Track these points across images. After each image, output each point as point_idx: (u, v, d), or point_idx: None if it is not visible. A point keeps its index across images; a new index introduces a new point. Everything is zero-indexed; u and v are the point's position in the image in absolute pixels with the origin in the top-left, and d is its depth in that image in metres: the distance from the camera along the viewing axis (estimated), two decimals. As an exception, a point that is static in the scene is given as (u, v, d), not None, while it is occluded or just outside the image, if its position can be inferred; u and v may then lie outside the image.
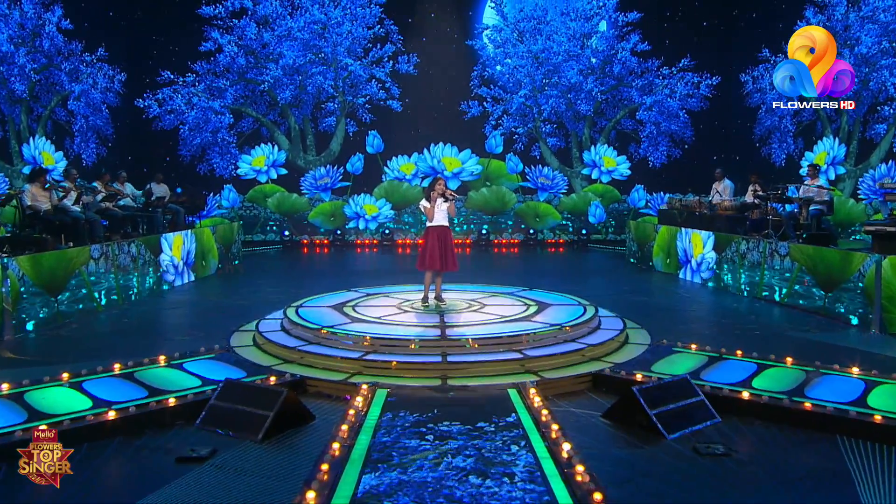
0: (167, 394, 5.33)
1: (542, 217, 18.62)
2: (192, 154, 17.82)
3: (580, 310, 7.66)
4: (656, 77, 18.11)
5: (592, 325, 7.19)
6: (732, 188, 12.55)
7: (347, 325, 6.96)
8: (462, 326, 6.93)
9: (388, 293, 8.83)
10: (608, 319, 7.67)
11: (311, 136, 18.28)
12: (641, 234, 14.03)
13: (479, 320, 7.19)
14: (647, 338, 7.27)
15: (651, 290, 11.27)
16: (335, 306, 7.91)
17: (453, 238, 8.08)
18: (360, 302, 8.22)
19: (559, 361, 6.25)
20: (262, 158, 18.10)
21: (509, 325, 6.96)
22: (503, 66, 18.33)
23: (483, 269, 13.91)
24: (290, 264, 15.42)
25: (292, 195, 18.16)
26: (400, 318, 7.34)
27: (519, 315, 7.41)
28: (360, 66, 17.94)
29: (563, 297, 8.56)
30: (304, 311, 7.60)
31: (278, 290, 10.88)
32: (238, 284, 11.89)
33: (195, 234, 12.15)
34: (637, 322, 7.93)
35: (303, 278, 12.63)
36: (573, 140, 18.61)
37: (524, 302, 8.18)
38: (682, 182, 18.00)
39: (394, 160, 18.23)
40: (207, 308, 9.69)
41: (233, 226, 14.07)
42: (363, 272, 13.65)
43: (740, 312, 9.20)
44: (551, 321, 7.07)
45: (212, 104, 17.51)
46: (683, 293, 10.81)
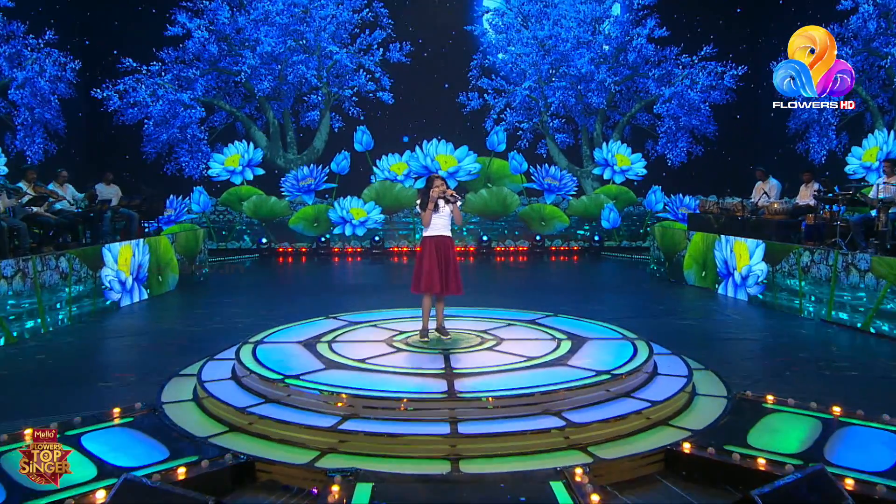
0: (34, 498, 3.54)
1: (549, 221, 17.23)
2: (158, 152, 16.28)
3: (627, 347, 5.91)
4: (675, 66, 16.73)
5: (648, 370, 5.44)
6: (780, 188, 10.91)
7: (319, 373, 5.18)
8: (475, 375, 5.16)
9: (376, 321, 7.06)
10: (664, 358, 5.94)
11: (292, 132, 16.91)
12: (669, 242, 12.38)
13: (496, 364, 5.42)
14: (720, 386, 5.55)
15: (691, 310, 9.60)
16: (307, 342, 6.14)
17: (455, 249, 6.32)
18: (339, 335, 6.45)
19: (615, 429, 4.50)
20: (237, 157, 16.66)
21: (539, 371, 5.21)
22: (506, 55, 16.97)
23: (486, 283, 12.31)
24: (265, 278, 13.77)
25: (271, 198, 16.77)
26: (391, 360, 5.57)
27: (549, 355, 5.65)
28: (347, 55, 16.56)
29: (600, 327, 6.82)
30: (265, 351, 5.82)
31: (246, 311, 9.24)
32: (199, 304, 10.18)
33: (149, 244, 10.37)
34: (691, 356, 6.23)
35: (277, 297, 10.92)
36: (583, 136, 17.29)
37: (551, 334, 6.43)
38: (704, 183, 16.56)
39: (384, 159, 16.88)
40: (154, 337, 7.91)
41: (197, 233, 12.30)
42: (349, 288, 11.96)
43: (815, 342, 7.49)
44: (595, 365, 5.32)
45: (180, 96, 16.02)
46: (731, 314, 9.13)
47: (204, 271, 12.50)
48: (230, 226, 16.81)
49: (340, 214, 16.69)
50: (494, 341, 6.15)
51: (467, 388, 4.83)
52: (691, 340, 7.45)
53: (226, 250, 16.61)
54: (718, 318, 8.95)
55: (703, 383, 5.58)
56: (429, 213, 6.09)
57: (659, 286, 11.89)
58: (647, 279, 12.79)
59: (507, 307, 8.25)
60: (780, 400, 5.00)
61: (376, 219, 16.76)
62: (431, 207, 6.08)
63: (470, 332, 6.46)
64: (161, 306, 9.91)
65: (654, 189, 17.12)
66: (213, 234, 16.65)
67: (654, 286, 11.95)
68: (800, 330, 8.05)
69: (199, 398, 5.17)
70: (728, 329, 8.24)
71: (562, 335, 6.36)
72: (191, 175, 16.40)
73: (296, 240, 16.90)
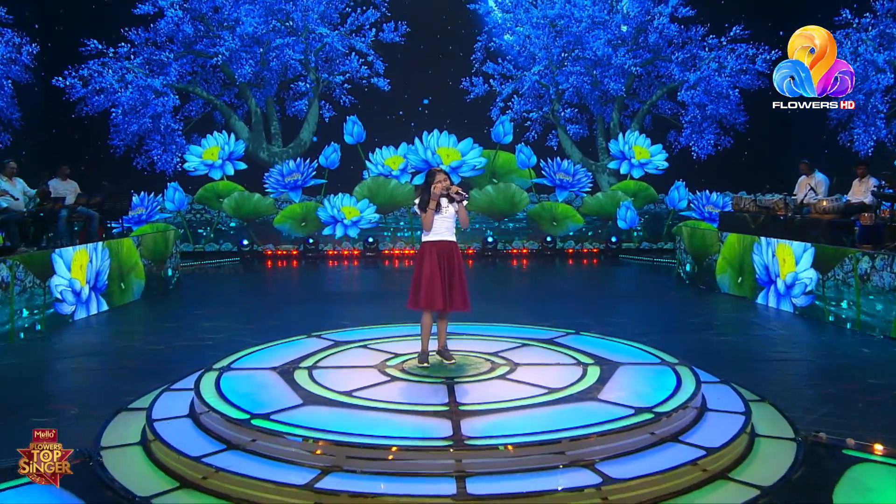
0: None
1: (561, 221, 16.72)
2: (127, 144, 15.69)
3: (668, 374, 5.23)
4: (701, 49, 16.19)
5: (696, 405, 4.74)
6: (827, 184, 10.23)
7: (295, 410, 4.50)
8: (486, 413, 4.47)
9: (366, 341, 6.38)
10: (711, 388, 5.25)
11: (277, 122, 16.39)
12: (700, 245, 11.72)
13: (511, 397, 4.74)
14: (782, 424, 4.87)
15: (729, 323, 8.94)
16: (283, 369, 5.45)
17: (461, 257, 5.66)
18: (322, 359, 5.76)
19: (664, 486, 3.81)
20: (216, 150, 16.12)
21: (564, 407, 4.53)
22: (513, 36, 16.44)
23: (493, 291, 11.69)
24: (245, 285, 13.21)
25: (254, 195, 16.23)
26: (383, 392, 4.89)
27: (575, 386, 4.96)
28: (337, 36, 16.01)
29: (631, 349, 6.15)
30: (232, 380, 5.13)
31: (220, 325, 8.62)
32: (166, 316, 9.54)
33: (109, 247, 9.69)
34: (738, 381, 5.58)
35: (256, 308, 10.30)
36: (599, 127, 16.79)
37: (574, 357, 5.75)
38: (733, 178, 16.18)
39: (378, 152, 16.32)
40: (107, 358, 7.23)
41: (167, 234, 11.62)
42: (338, 297, 11.33)
43: (885, 365, 6.79)
44: (632, 399, 4.63)
45: (151, 82, 15.44)
46: (777, 329, 8.45)
47: (174, 280, 11.82)
48: (208, 226, 16.29)
49: (330, 213, 16.18)
50: (507, 367, 5.47)
51: (477, 431, 4.14)
52: (735, 361, 6.79)
53: (203, 253, 16.10)
54: (762, 333, 8.28)
55: (762, 420, 4.88)
56: (430, 215, 5.41)
57: (688, 294, 11.25)
58: (674, 286, 12.17)
59: (519, 322, 7.65)
60: (863, 445, 4.31)
61: (370, 218, 16.26)
62: (433, 207, 5.41)
63: (478, 356, 5.80)
64: (121, 319, 9.24)
65: (678, 185, 16.62)
66: (190, 235, 16.15)
67: (683, 294, 11.32)
68: (862, 349, 7.36)
69: (148, 442, 4.48)
70: (776, 347, 7.56)
71: (587, 359, 5.68)
72: (164, 170, 15.86)
73: (281, 241, 16.40)
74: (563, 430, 4.09)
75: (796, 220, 9.74)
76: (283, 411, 4.45)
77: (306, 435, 4.05)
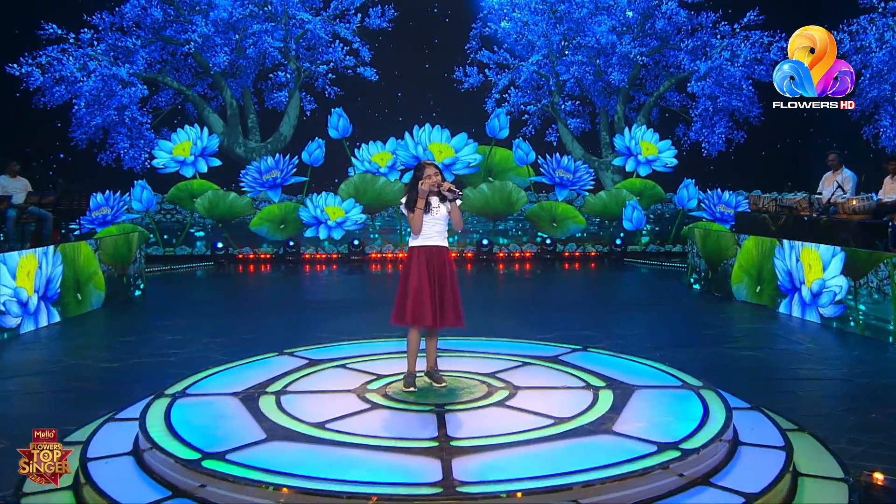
0: None
1: (562, 222, 16.42)
2: (90, 139, 15.43)
3: (691, 400, 4.76)
4: (713, 36, 16.11)
5: (728, 438, 4.26)
6: (855, 181, 9.83)
7: (257, 447, 4.00)
8: (482, 450, 3.98)
9: (345, 360, 5.90)
10: (742, 415, 4.79)
11: (254, 115, 16.25)
12: (714, 248, 11.31)
13: (511, 429, 4.25)
14: (827, 459, 4.40)
15: (749, 336, 8.50)
16: (247, 394, 4.95)
17: (454, 265, 5.20)
18: (293, 382, 5.27)
19: (697, 544, 3.32)
20: (188, 145, 15.71)
21: (575, 442, 4.05)
22: (510, 22, 16.32)
23: (488, 300, 11.30)
24: (217, 293, 12.77)
25: (229, 194, 15.87)
26: (362, 423, 4.41)
27: (585, 414, 4.49)
28: (320, 22, 15.87)
29: (646, 368, 5.69)
30: (186, 409, 4.63)
31: (185, 339, 8.16)
32: (126, 329, 9.04)
33: (62, 252, 9.17)
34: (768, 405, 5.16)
35: (227, 318, 9.85)
36: (602, 120, 16.71)
37: (583, 379, 5.29)
38: (746, 176, 16.07)
39: (365, 147, 16.03)
40: (52, 378, 6.70)
41: (129, 237, 11.10)
42: (318, 305, 10.89)
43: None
44: (652, 432, 4.16)
45: (117, 71, 15.17)
46: (804, 342, 8.01)
47: (138, 287, 11.32)
48: (180, 227, 15.98)
49: (313, 214, 15.78)
50: (506, 391, 5.00)
51: (471, 474, 3.65)
52: (761, 381, 6.33)
53: (173, 257, 15.76)
54: (788, 347, 7.82)
55: (803, 454, 4.40)
56: (418, 215, 4.94)
57: (702, 303, 10.84)
58: (685, 293, 11.76)
59: (518, 335, 7.25)
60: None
61: (356, 219, 15.87)
62: (421, 206, 4.93)
63: (472, 377, 5.34)
64: (75, 333, 8.72)
65: (687, 183, 16.31)
66: (159, 237, 15.81)
67: (696, 303, 10.91)
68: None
69: (80, 485, 3.96)
70: (805, 364, 7.10)
71: (598, 381, 5.21)
72: (131, 167, 15.62)
73: (259, 244, 16.08)
74: (575, 473, 3.60)
75: (822, 220, 9.31)
76: (243, 449, 3.95)
77: (267, 480, 3.54)
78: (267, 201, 15.88)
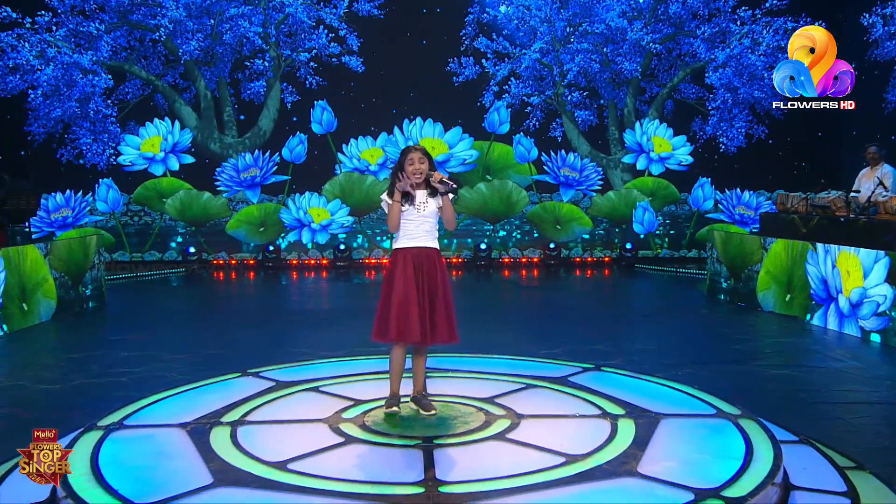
0: None
1: (566, 225, 16.20)
2: (49, 133, 14.94)
3: (730, 431, 4.24)
4: (732, 22, 15.65)
5: (779, 480, 3.71)
6: None
7: (201, 496, 3.43)
8: (480, 497, 3.43)
9: (319, 382, 5.35)
10: (789, 450, 4.24)
11: (231, 107, 15.75)
12: (736, 253, 10.86)
13: (513, 470, 3.71)
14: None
15: (782, 352, 8.00)
16: (196, 425, 4.40)
17: (446, 270, 4.67)
18: (254, 409, 4.71)
19: None
20: (157, 140, 15.41)
21: (592, 487, 3.49)
22: (510, 7, 15.95)
23: (485, 311, 10.82)
24: (185, 303, 12.30)
25: (203, 194, 15.57)
26: (333, 461, 3.87)
27: (603, 451, 3.94)
28: (302, 6, 15.42)
29: (671, 391, 5.19)
30: (120, 446, 4.08)
31: (141, 356, 7.63)
32: (77, 344, 8.53)
33: (5, 256, 8.62)
34: (813, 434, 4.65)
35: (194, 332, 9.39)
36: (610, 114, 16.28)
37: (598, 405, 4.76)
38: (768, 174, 15.74)
39: (353, 143, 15.76)
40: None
41: (86, 241, 10.58)
42: (296, 317, 10.38)
43: None
44: (685, 473, 3.62)
45: (78, 59, 14.66)
46: (844, 359, 7.48)
47: (95, 296, 10.79)
48: (147, 232, 15.62)
49: (295, 216, 15.57)
50: (508, 420, 4.46)
51: (465, 532, 3.08)
52: (801, 405, 5.79)
53: (141, 263, 15.38)
54: (827, 364, 7.29)
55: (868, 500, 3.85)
56: (395, 209, 4.43)
57: (724, 314, 10.35)
58: (704, 303, 11.34)
59: (520, 352, 6.79)
60: None
61: (342, 221, 15.66)
62: (398, 200, 4.43)
63: (467, 403, 4.80)
64: (16, 349, 8.16)
65: (703, 182, 16.04)
66: (125, 241, 15.42)
67: (718, 314, 10.42)
68: (962, 388, 6.38)
69: (-19, 543, 3.39)
70: (851, 385, 6.56)
71: (616, 407, 4.67)
72: (94, 164, 15.14)
73: (236, 249, 15.78)
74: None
75: (861, 221, 8.81)
76: (181, 499, 3.38)
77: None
78: (245, 202, 15.61)
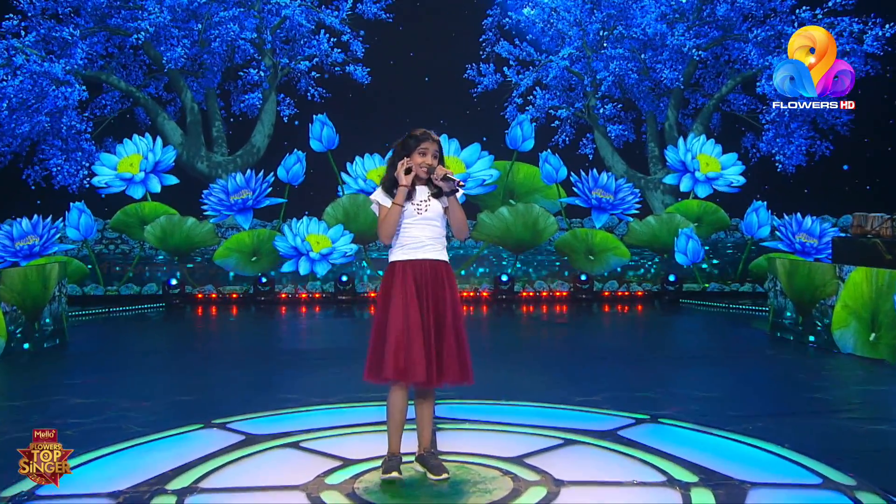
0: None
1: (600, 255, 15.74)
2: (15, 151, 14.84)
3: None
4: (789, 24, 15.29)
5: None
6: None
7: None
8: None
9: (299, 434, 4.69)
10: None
11: (220, 122, 15.80)
12: (804, 285, 10.22)
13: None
14: None
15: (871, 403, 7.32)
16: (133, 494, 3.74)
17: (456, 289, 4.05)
18: (213, 472, 4.05)
19: None
20: (137, 159, 15.14)
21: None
22: (535, 9, 15.94)
23: (509, 350, 10.37)
24: (164, 341, 11.87)
25: (186, 220, 15.29)
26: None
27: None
28: (301, 10, 15.45)
29: (757, 451, 4.46)
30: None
31: (98, 403, 7.07)
32: (23, 389, 7.98)
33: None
34: None
35: (163, 374, 8.84)
36: (649, 129, 16.17)
37: (659, 468, 4.06)
38: (834, 197, 15.36)
39: (358, 162, 15.52)
40: None
41: (45, 270, 10.10)
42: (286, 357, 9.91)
43: None
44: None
45: (50, 68, 14.54)
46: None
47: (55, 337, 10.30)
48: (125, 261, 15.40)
49: (292, 244, 15.21)
50: (543, 488, 3.81)
51: None
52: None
53: (117, 297, 15.03)
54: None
55: None
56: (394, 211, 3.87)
57: (794, 356, 9.70)
58: (768, 344, 10.71)
59: (554, 399, 6.26)
60: None
61: (345, 250, 15.29)
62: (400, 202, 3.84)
63: (489, 464, 4.14)
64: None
65: (757, 206, 15.56)
66: (99, 273, 15.13)
67: (786, 356, 9.77)
68: None
69: None
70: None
71: (684, 472, 3.98)
72: (65, 185, 15.03)
73: (223, 281, 15.52)
74: None
75: (959, 245, 8.11)
76: None
77: None
78: (235, 228, 15.41)
